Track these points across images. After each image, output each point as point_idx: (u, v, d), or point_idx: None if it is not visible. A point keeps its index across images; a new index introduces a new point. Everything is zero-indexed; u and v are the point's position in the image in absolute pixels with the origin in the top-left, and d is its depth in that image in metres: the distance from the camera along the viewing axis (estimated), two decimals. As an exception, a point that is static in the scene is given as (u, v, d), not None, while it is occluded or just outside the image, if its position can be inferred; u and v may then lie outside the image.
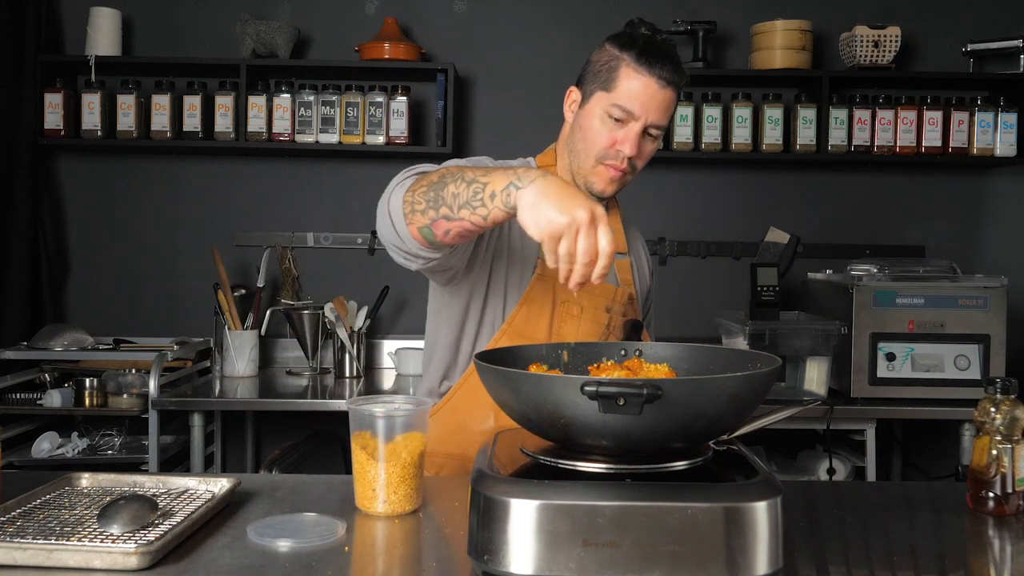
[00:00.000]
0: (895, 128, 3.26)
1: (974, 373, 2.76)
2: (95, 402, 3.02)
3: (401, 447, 1.29)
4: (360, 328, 3.19)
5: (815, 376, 2.80)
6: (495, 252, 1.64)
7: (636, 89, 1.58)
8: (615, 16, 3.46)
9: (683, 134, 3.25)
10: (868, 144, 3.26)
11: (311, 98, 3.25)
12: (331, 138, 3.25)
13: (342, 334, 3.17)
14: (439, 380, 1.72)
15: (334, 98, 3.25)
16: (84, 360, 3.10)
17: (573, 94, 1.70)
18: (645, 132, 1.60)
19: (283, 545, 1.16)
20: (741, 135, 3.26)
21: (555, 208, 1.17)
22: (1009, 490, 1.33)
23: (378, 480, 1.28)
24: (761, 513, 1.00)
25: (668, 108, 1.61)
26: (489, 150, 3.40)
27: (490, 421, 1.62)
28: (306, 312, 3.23)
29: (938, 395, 2.77)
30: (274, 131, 3.24)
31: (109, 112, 3.28)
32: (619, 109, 1.58)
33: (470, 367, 1.65)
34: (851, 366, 2.78)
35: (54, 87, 3.24)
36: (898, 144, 3.26)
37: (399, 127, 3.24)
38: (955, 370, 2.77)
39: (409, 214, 1.37)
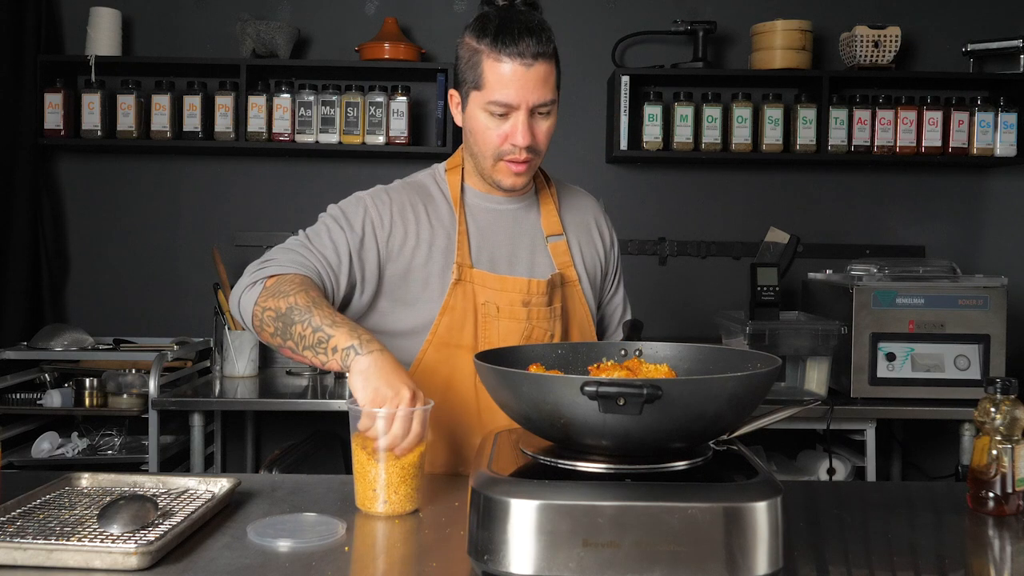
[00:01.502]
0: (895, 128, 3.26)
1: (974, 373, 2.76)
2: (95, 402, 3.02)
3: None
4: (360, 328, 3.19)
5: (815, 376, 2.80)
6: (399, 273, 1.60)
7: (505, 79, 1.51)
8: (615, 16, 3.47)
9: (683, 134, 3.24)
10: (868, 144, 3.26)
11: (311, 98, 3.25)
12: (331, 138, 3.25)
13: (342, 334, 3.16)
14: None
15: (334, 98, 3.25)
16: (84, 360, 3.10)
17: (455, 97, 1.62)
18: (534, 113, 1.55)
19: (283, 545, 1.16)
20: (741, 135, 3.26)
21: (384, 381, 1.29)
22: (1009, 490, 1.33)
23: (378, 480, 1.28)
24: (761, 513, 1.00)
25: (546, 81, 1.54)
26: (489, 150, 3.40)
27: (428, 436, 1.60)
28: (306, 312, 3.22)
29: (938, 395, 2.77)
30: (274, 131, 3.24)
31: (109, 112, 3.28)
32: (496, 105, 1.52)
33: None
34: (851, 366, 2.78)
35: (54, 87, 3.24)
36: (898, 144, 3.26)
37: (399, 127, 3.24)
38: (955, 370, 2.77)
39: (258, 329, 1.46)
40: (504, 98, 1.51)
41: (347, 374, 1.32)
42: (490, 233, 1.65)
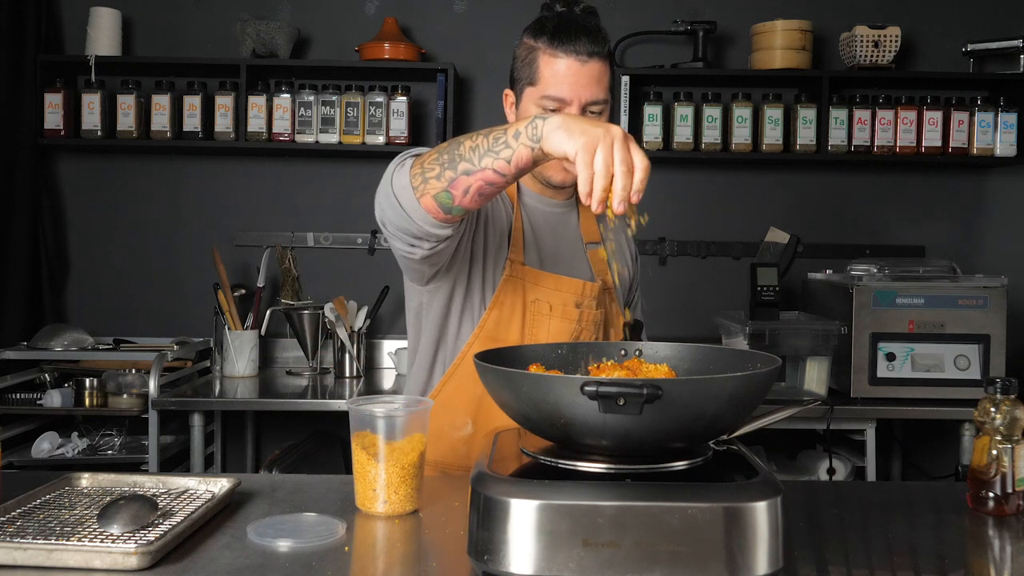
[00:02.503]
0: (895, 128, 3.26)
1: (974, 373, 2.76)
2: (95, 402, 3.02)
3: (402, 447, 1.29)
4: (360, 328, 3.19)
5: (815, 376, 2.80)
6: (472, 253, 1.60)
7: (560, 74, 1.54)
8: (615, 16, 3.46)
9: (683, 134, 3.24)
10: (868, 144, 3.26)
11: (311, 98, 3.25)
12: (331, 138, 3.25)
13: (342, 334, 3.17)
14: (422, 386, 1.69)
15: (334, 98, 3.25)
16: (84, 360, 3.10)
17: (509, 96, 1.65)
18: (585, 111, 1.56)
19: (283, 545, 1.16)
20: (741, 135, 3.26)
21: (587, 123, 1.14)
22: (1009, 490, 1.33)
23: (379, 480, 1.28)
24: (761, 513, 1.00)
25: (599, 80, 1.56)
26: (489, 150, 3.40)
27: (468, 427, 1.61)
28: (306, 312, 3.23)
29: (938, 395, 2.77)
30: (274, 131, 3.24)
31: (109, 112, 3.28)
32: (550, 100, 1.54)
33: (448, 372, 1.64)
34: (851, 366, 2.78)
35: (54, 87, 3.24)
36: (898, 144, 3.26)
37: (399, 127, 3.24)
38: (955, 370, 2.77)
39: (420, 185, 1.31)
40: (558, 93, 1.54)
41: (542, 145, 1.18)
42: (540, 233, 1.67)
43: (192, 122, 3.25)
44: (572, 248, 1.70)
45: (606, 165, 1.10)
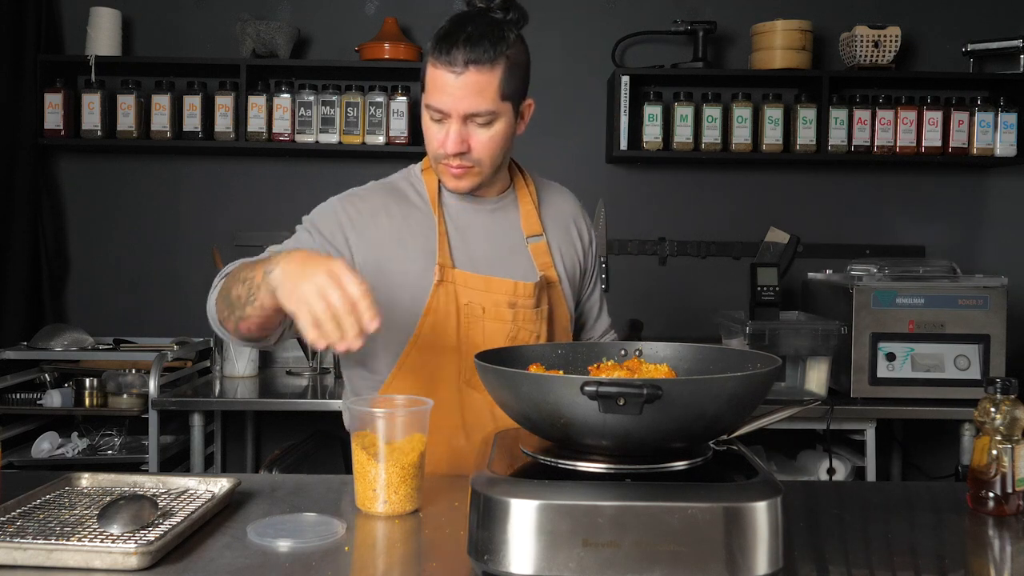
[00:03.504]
0: (895, 128, 3.26)
1: (974, 373, 2.76)
2: (95, 402, 3.03)
3: (402, 447, 1.29)
4: (360, 328, 3.18)
5: (815, 376, 2.80)
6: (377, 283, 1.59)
7: (438, 84, 1.49)
8: (615, 16, 3.47)
9: (683, 134, 3.24)
10: (868, 144, 3.26)
11: (311, 98, 3.25)
12: (331, 138, 3.25)
13: (342, 334, 3.16)
14: (369, 394, 1.67)
15: (334, 98, 3.25)
16: (84, 360, 3.10)
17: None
18: (469, 121, 1.51)
19: (283, 545, 1.16)
20: (741, 135, 3.26)
21: (297, 279, 1.20)
22: (1009, 490, 1.33)
23: (379, 480, 1.28)
24: (761, 513, 1.00)
25: (481, 91, 1.48)
26: (489, 150, 3.40)
27: None
28: (306, 312, 3.22)
29: (938, 395, 2.77)
30: (274, 131, 3.24)
31: (109, 112, 3.28)
32: (432, 111, 1.52)
33: (386, 383, 1.61)
34: (851, 366, 2.78)
35: (54, 87, 3.24)
36: (898, 144, 3.26)
37: (399, 127, 3.24)
38: (955, 370, 2.77)
39: (224, 320, 1.45)
40: (437, 104, 1.50)
41: (277, 296, 1.24)
42: (469, 234, 1.64)
43: (192, 122, 3.25)
44: (511, 245, 1.66)
45: (330, 316, 1.16)
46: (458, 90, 1.48)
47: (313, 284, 1.18)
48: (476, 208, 1.66)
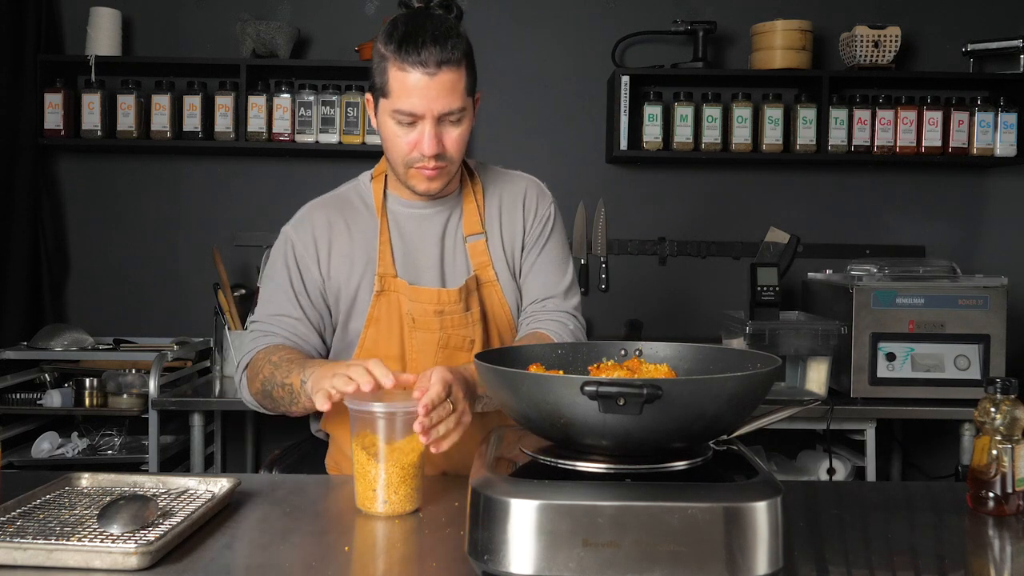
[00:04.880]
0: (895, 128, 3.26)
1: (974, 373, 2.76)
2: (95, 402, 3.02)
3: (402, 447, 1.29)
4: (360, 328, 3.19)
5: (815, 376, 2.80)
6: (328, 304, 1.65)
7: (409, 88, 1.47)
8: (614, 16, 3.47)
9: (683, 134, 3.24)
10: (868, 144, 3.26)
11: (311, 98, 3.25)
12: (331, 138, 3.25)
13: (342, 334, 3.16)
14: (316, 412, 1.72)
15: (334, 98, 3.25)
16: (84, 360, 3.10)
17: (369, 103, 1.59)
18: (442, 121, 1.51)
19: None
20: (741, 135, 3.26)
21: (327, 377, 1.33)
22: (1009, 490, 1.33)
23: (379, 480, 1.28)
24: (761, 513, 1.00)
25: (452, 89, 1.49)
26: (488, 150, 3.42)
27: None
28: (306, 312, 3.22)
29: (938, 395, 2.77)
30: (274, 131, 3.24)
31: (109, 112, 3.28)
32: (403, 115, 1.49)
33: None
34: (851, 366, 2.78)
35: (54, 87, 3.24)
36: (898, 144, 3.26)
37: (399, 127, 3.24)
38: (955, 370, 2.77)
39: (269, 409, 1.59)
40: (409, 107, 1.49)
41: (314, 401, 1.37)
42: (414, 240, 1.64)
43: (192, 122, 3.25)
44: (452, 247, 1.65)
45: (352, 382, 1.29)
46: (433, 91, 1.48)
47: (342, 375, 1.31)
48: (422, 212, 1.65)
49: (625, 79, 3.25)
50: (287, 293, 1.62)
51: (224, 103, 3.23)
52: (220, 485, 1.34)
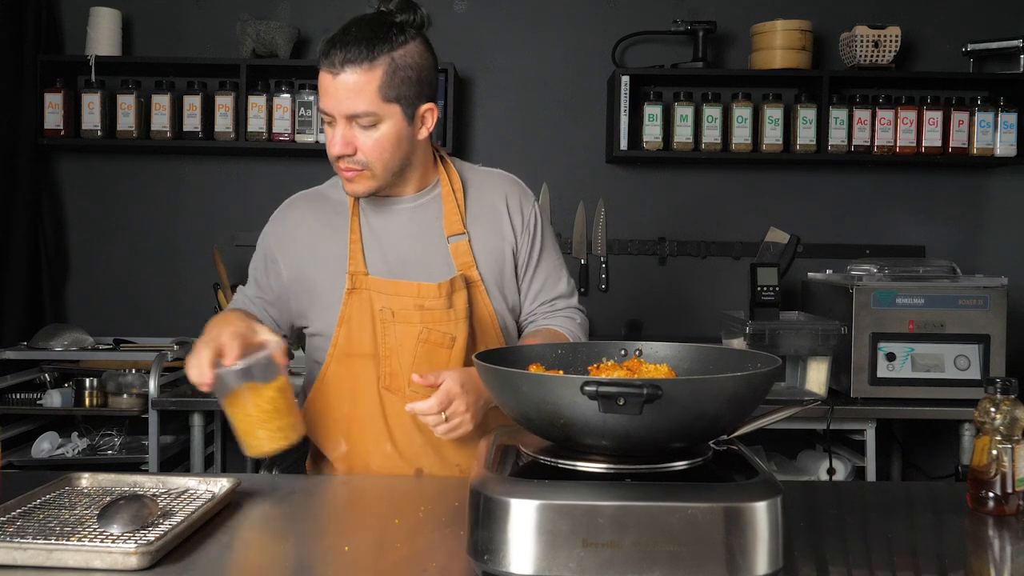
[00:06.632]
0: (895, 128, 3.26)
1: (974, 373, 2.76)
2: (95, 402, 3.02)
3: (256, 388, 1.36)
4: (360, 328, 3.19)
5: (815, 376, 2.80)
6: (297, 300, 1.67)
7: (322, 86, 1.54)
8: (614, 16, 3.46)
9: (683, 134, 3.24)
10: (868, 144, 3.26)
11: (311, 98, 3.25)
12: (331, 138, 3.25)
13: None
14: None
15: (334, 98, 3.25)
16: (84, 360, 3.10)
17: None
18: (352, 124, 1.52)
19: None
20: (741, 135, 3.26)
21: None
22: (1009, 490, 1.33)
23: (251, 421, 1.37)
24: (761, 513, 1.00)
25: (358, 92, 1.50)
26: (489, 150, 3.42)
27: (342, 446, 1.63)
28: (306, 312, 3.22)
29: (938, 395, 2.77)
30: (274, 131, 3.24)
31: (109, 112, 3.28)
32: (322, 112, 1.55)
33: (311, 395, 1.66)
34: (851, 366, 2.77)
35: (54, 87, 3.24)
36: (898, 144, 3.26)
37: (399, 127, 3.24)
38: (955, 370, 2.77)
39: None
40: (322, 105, 1.55)
41: None
42: (386, 236, 1.64)
43: (192, 122, 3.25)
44: (430, 245, 1.65)
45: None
46: (337, 91, 1.52)
47: (192, 355, 1.38)
48: (394, 209, 1.66)
49: (625, 79, 3.25)
50: (252, 277, 1.71)
51: (224, 103, 3.23)
52: (220, 485, 1.34)
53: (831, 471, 2.78)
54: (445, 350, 1.59)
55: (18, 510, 1.22)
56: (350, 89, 1.50)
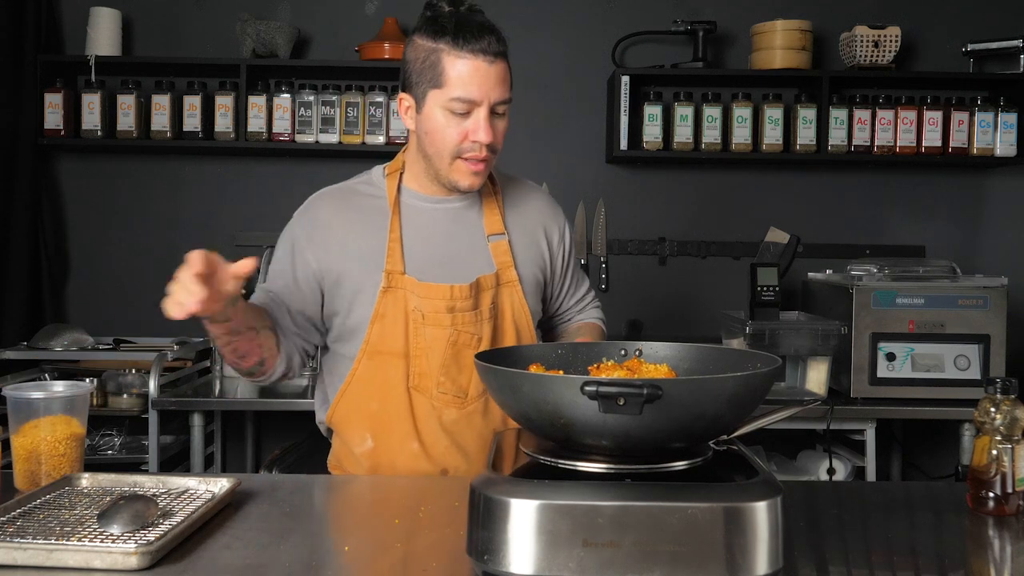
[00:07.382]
0: (895, 128, 3.26)
1: (974, 373, 2.76)
2: (95, 402, 3.02)
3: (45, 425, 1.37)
4: (360, 328, 3.19)
5: (815, 376, 2.80)
6: (333, 296, 1.64)
7: (467, 75, 1.52)
8: (614, 16, 3.47)
9: (683, 134, 3.24)
10: (868, 144, 3.26)
11: (311, 98, 3.25)
12: (331, 138, 3.25)
13: (342, 334, 3.16)
14: (323, 400, 1.73)
15: (334, 98, 3.25)
16: (84, 360, 3.10)
17: (405, 101, 1.60)
18: (493, 111, 1.55)
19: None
20: (741, 135, 3.26)
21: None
22: (1009, 490, 1.33)
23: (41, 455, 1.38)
24: (761, 513, 1.00)
25: (505, 80, 1.56)
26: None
27: (368, 443, 1.62)
28: (306, 312, 3.22)
29: (938, 395, 2.77)
30: (274, 131, 3.24)
31: (109, 112, 3.28)
32: (459, 102, 1.52)
33: (340, 390, 1.64)
34: (851, 366, 2.77)
35: (54, 87, 3.24)
36: (898, 144, 3.26)
37: (399, 127, 3.24)
38: (955, 370, 2.77)
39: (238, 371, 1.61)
40: (467, 94, 1.52)
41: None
42: (427, 235, 1.64)
43: (192, 122, 3.25)
44: (471, 244, 1.65)
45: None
46: (492, 79, 1.53)
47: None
48: (438, 207, 1.66)
49: (625, 79, 3.25)
50: (272, 272, 1.67)
51: (224, 103, 3.23)
52: (220, 485, 1.34)
53: (831, 471, 2.78)
54: (471, 350, 1.60)
55: (18, 510, 1.22)
56: (503, 77, 1.55)
